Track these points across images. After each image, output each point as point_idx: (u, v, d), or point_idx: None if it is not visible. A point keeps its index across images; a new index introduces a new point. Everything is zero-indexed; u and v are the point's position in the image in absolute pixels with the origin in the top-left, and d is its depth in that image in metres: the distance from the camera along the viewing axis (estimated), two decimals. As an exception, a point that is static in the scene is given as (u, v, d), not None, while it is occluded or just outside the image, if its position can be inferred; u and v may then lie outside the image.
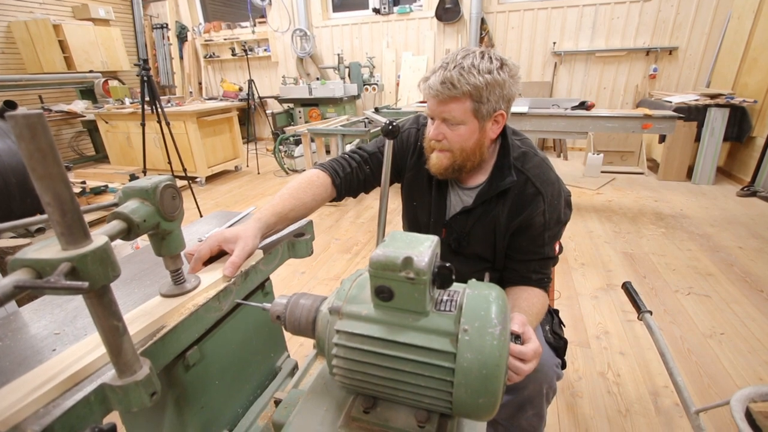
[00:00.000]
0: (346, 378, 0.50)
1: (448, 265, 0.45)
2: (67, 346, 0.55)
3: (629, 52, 4.93)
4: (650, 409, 1.46)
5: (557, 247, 0.97)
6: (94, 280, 0.41)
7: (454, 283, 0.50)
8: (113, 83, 5.49)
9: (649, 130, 3.09)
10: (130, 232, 0.53)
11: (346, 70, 5.71)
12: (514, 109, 3.37)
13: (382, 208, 0.67)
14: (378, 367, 0.47)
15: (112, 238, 0.50)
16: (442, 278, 0.46)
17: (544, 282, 0.97)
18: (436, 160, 0.93)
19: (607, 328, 1.91)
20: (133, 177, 4.22)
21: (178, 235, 0.62)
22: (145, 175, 3.69)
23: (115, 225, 0.51)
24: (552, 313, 1.05)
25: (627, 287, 1.30)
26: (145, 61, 3.20)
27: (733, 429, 1.35)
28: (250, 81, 5.14)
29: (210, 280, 0.69)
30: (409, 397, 0.47)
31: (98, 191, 3.59)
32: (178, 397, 0.65)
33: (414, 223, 1.09)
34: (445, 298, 0.49)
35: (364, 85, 5.78)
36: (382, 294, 0.45)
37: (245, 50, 5.43)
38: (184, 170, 3.54)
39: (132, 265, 0.79)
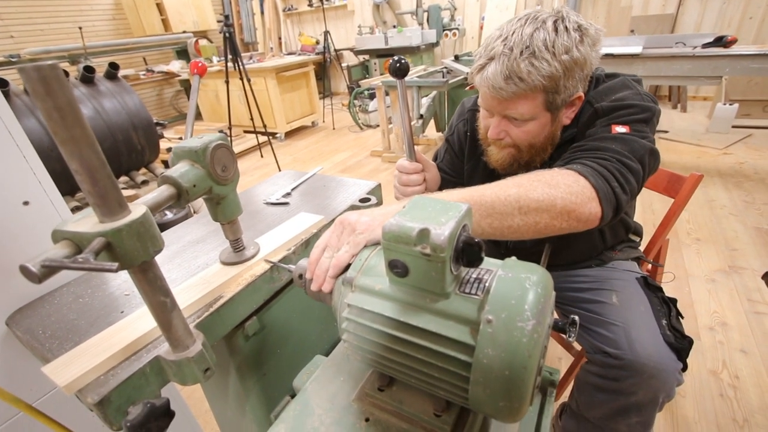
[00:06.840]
0: (357, 354, 0.44)
1: (477, 240, 0.36)
2: (134, 308, 0.56)
3: (796, -33, 3.78)
4: (778, 422, 1.20)
5: (619, 129, 0.67)
6: (131, 256, 0.37)
7: (493, 260, 0.41)
8: (203, 42, 5.79)
9: (817, 71, 2.37)
10: (180, 197, 0.49)
11: (425, 14, 5.28)
12: (622, 50, 2.78)
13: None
14: (389, 349, 0.40)
15: (162, 204, 0.47)
16: (468, 255, 0.36)
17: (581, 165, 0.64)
18: (497, 155, 0.78)
19: (725, 318, 1.60)
20: (221, 133, 4.53)
21: (233, 200, 0.58)
22: (230, 131, 3.92)
23: (164, 190, 0.47)
24: (669, 303, 0.83)
25: (772, 278, 1.02)
26: (227, 17, 3.24)
27: None
28: (326, 33, 5.03)
29: (269, 248, 0.65)
30: (423, 385, 0.42)
31: (191, 146, 3.90)
32: (240, 364, 0.64)
33: None
34: (473, 276, 0.39)
35: (444, 30, 5.31)
36: (396, 269, 0.39)
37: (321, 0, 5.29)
38: (264, 126, 3.65)
39: (203, 226, 0.79)
